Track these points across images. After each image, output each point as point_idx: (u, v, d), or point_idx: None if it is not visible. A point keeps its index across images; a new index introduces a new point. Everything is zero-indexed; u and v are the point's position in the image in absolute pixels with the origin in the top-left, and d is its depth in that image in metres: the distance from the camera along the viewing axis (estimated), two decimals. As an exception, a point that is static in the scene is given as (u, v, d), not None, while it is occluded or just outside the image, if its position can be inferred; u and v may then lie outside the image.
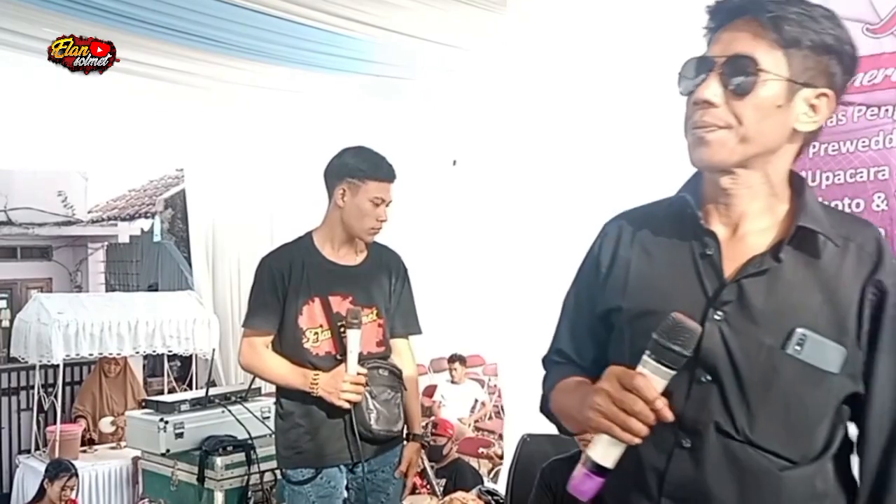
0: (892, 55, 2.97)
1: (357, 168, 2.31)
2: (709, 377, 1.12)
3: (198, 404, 3.25)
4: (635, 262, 1.22)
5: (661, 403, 1.01)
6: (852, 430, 1.18)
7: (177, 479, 3.16)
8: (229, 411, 3.15)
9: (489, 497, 3.03)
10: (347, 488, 2.39)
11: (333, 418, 2.28)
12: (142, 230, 9.03)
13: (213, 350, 5.31)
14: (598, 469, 1.05)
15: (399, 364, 2.45)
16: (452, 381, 6.24)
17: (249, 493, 3.05)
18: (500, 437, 4.85)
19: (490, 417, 6.22)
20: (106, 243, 9.67)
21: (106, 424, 5.40)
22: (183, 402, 3.24)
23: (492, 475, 4.27)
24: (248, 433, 3.07)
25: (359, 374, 2.26)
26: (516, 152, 4.21)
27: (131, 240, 9.27)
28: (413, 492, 3.38)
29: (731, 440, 1.11)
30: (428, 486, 3.13)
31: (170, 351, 5.54)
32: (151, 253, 8.59)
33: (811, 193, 1.16)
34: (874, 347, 1.12)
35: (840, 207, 3.05)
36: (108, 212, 9.94)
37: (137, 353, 5.49)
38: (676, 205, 1.20)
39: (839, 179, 3.06)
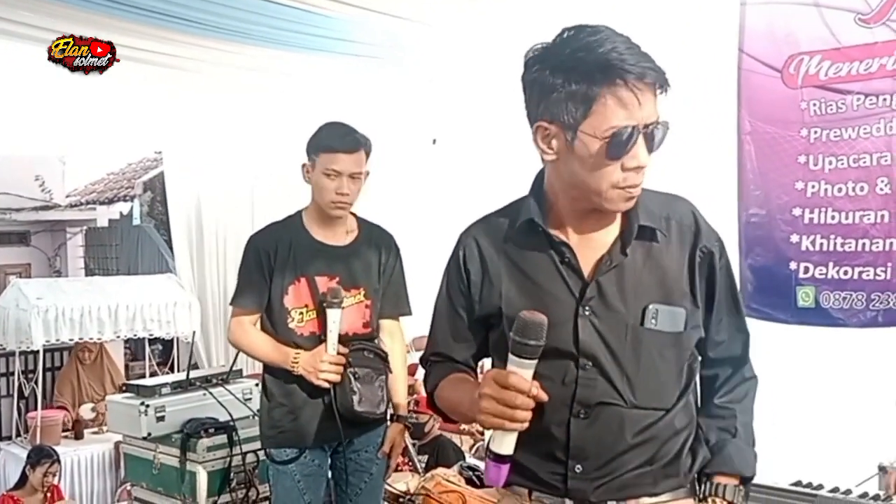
0: (886, 44, 3.03)
1: (313, 142, 2.31)
2: (590, 363, 1.32)
3: (179, 387, 3.24)
4: (505, 272, 1.39)
5: (535, 389, 1.20)
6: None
7: (159, 462, 3.15)
8: (210, 394, 3.14)
9: (470, 473, 3.04)
10: (332, 468, 2.41)
11: (315, 399, 2.29)
12: (121, 214, 8.93)
13: (194, 333, 5.28)
14: (501, 458, 1.23)
15: (388, 345, 2.45)
16: (435, 360, 6.19)
17: (232, 474, 3.04)
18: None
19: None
20: (85, 228, 9.54)
21: (86, 411, 5.37)
22: (164, 385, 3.22)
23: (474, 451, 4.29)
24: (230, 415, 3.06)
25: (339, 353, 2.25)
26: (496, 131, 4.19)
27: (110, 224, 9.16)
28: (396, 470, 3.40)
29: (615, 406, 1.33)
30: (410, 464, 3.14)
31: (151, 335, 5.51)
32: (131, 236, 8.51)
33: (644, 194, 1.34)
34: (712, 296, 1.38)
35: (844, 191, 3.16)
36: (87, 196, 9.81)
37: (118, 337, 5.46)
38: (528, 224, 1.36)
39: (842, 164, 3.16)
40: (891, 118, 3.06)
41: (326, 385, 2.25)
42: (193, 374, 3.38)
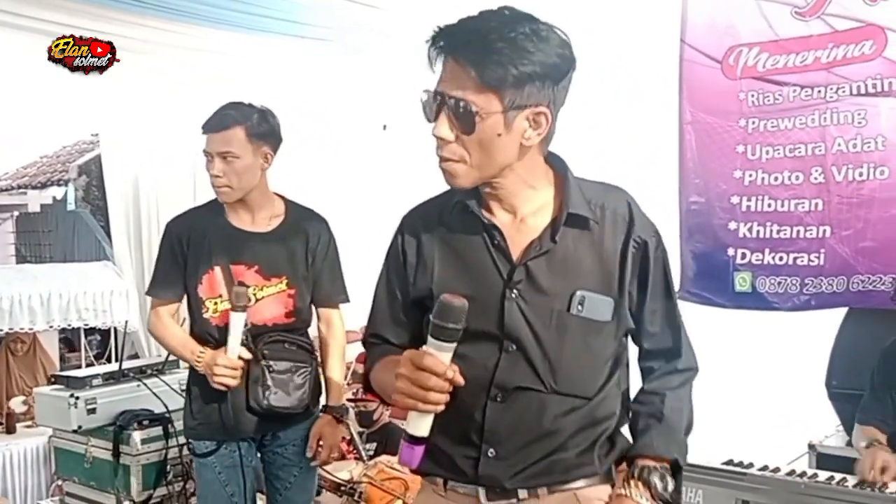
0: (821, 37, 3.08)
1: None
2: (513, 346, 1.33)
3: (111, 378, 3.14)
4: (439, 254, 1.39)
5: (451, 373, 1.18)
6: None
7: (91, 455, 3.05)
8: (144, 384, 3.05)
9: (416, 461, 3.03)
10: (262, 461, 2.36)
11: (231, 392, 2.21)
12: (54, 198, 8.62)
13: (126, 322, 5.14)
14: (415, 440, 1.23)
15: (324, 334, 2.38)
16: (383, 348, 6.17)
17: (168, 467, 2.97)
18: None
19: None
20: (15, 213, 9.19)
21: (17, 404, 5.18)
22: (95, 376, 3.12)
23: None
24: (166, 406, 2.98)
25: (241, 357, 2.16)
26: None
27: (42, 209, 8.85)
28: (341, 458, 3.36)
29: (534, 391, 1.33)
30: (355, 452, 3.10)
31: (86, 324, 5.32)
32: (66, 222, 8.23)
33: (572, 178, 1.37)
34: (644, 287, 1.38)
35: (780, 180, 3.22)
36: (18, 180, 9.43)
37: (51, 327, 5.25)
38: (461, 204, 1.37)
39: (779, 154, 3.21)
40: (825, 110, 3.15)
41: (223, 388, 2.16)
42: (127, 364, 3.28)
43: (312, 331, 2.43)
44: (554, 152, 1.39)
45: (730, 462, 2.31)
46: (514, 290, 1.33)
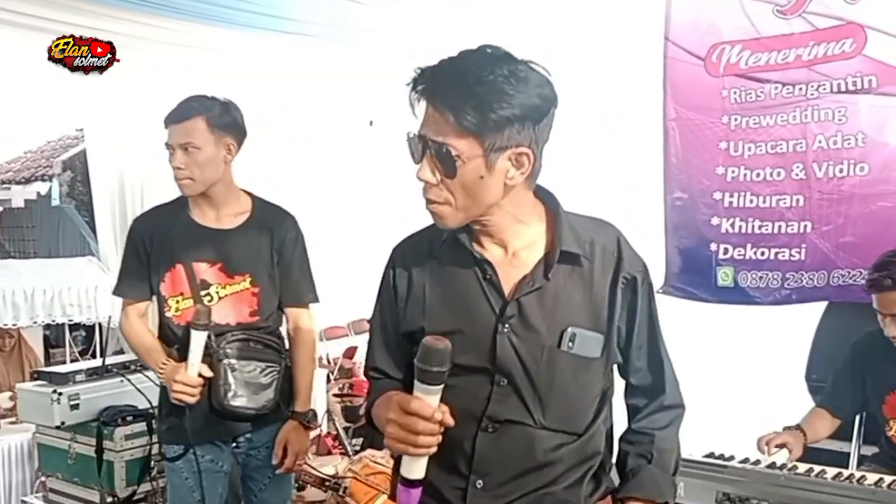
0: (802, 35, 3.12)
1: None
2: (505, 380, 1.33)
3: (94, 374, 3.13)
4: (430, 288, 1.39)
5: (440, 415, 1.18)
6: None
7: (74, 452, 3.04)
8: (128, 380, 3.03)
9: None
10: (240, 464, 2.31)
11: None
12: (38, 194, 8.55)
13: (110, 318, 5.12)
14: (410, 483, 1.22)
15: (293, 335, 2.32)
16: (371, 343, 6.17)
17: (152, 463, 2.97)
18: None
19: (409, 377, 6.24)
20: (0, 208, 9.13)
21: (4, 399, 5.14)
22: (78, 372, 3.11)
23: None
24: (150, 402, 2.95)
25: (201, 374, 2.11)
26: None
27: (26, 204, 8.78)
28: (328, 453, 3.37)
29: (527, 427, 1.33)
30: (341, 447, 3.12)
31: (70, 320, 5.30)
32: (50, 218, 8.17)
33: (563, 214, 1.38)
34: (632, 323, 1.39)
35: (762, 176, 3.26)
36: (2, 175, 9.34)
37: (35, 323, 5.23)
38: (453, 241, 1.37)
39: (761, 150, 3.25)
40: (806, 107, 3.18)
41: (181, 403, 2.11)
42: (110, 360, 3.27)
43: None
44: (544, 187, 1.40)
45: (711, 455, 2.34)
46: (507, 325, 1.33)
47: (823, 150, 3.16)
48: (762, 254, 3.27)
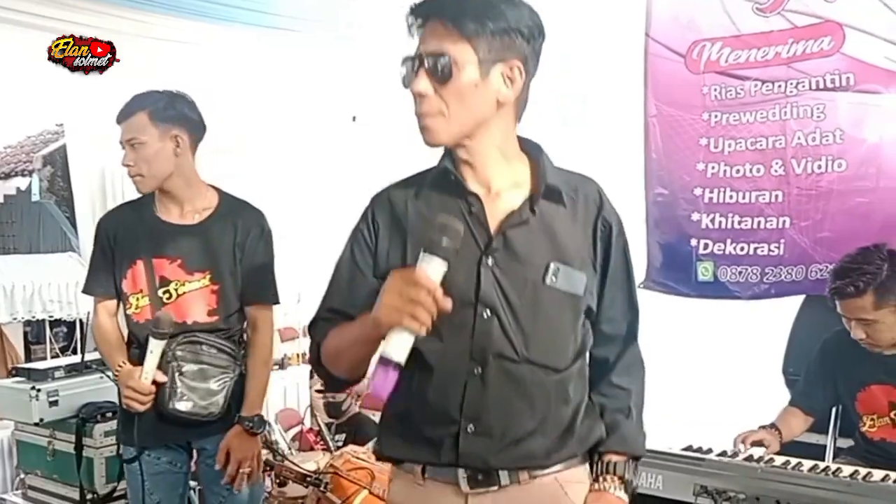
0: (781, 33, 3.13)
1: None
2: (489, 312, 1.35)
3: (73, 370, 3.12)
4: (413, 224, 1.40)
5: (440, 293, 1.20)
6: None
7: (53, 448, 3.03)
8: (107, 377, 3.01)
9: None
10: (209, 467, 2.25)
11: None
12: (18, 189, 8.46)
13: (88, 314, 5.08)
14: (390, 363, 1.18)
15: (250, 336, 2.23)
16: (354, 340, 6.16)
17: (132, 460, 2.95)
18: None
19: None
20: (-22, 204, 9.02)
21: (-17, 396, 5.09)
22: (57, 368, 3.10)
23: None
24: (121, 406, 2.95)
25: (155, 381, 2.07)
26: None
27: (6, 199, 8.69)
28: (310, 449, 3.37)
29: (512, 362, 1.35)
30: (323, 443, 3.12)
31: (51, 316, 5.28)
32: (31, 213, 8.09)
33: (547, 158, 1.43)
34: (606, 270, 1.43)
35: (742, 172, 3.28)
36: (-18, 170, 9.24)
37: (15, 319, 5.19)
38: (441, 173, 1.40)
39: (740, 147, 3.27)
40: (785, 104, 3.21)
41: (133, 410, 2.09)
42: (89, 356, 3.25)
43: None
44: (528, 138, 1.45)
45: (689, 448, 2.36)
46: (491, 258, 1.35)
47: (802, 146, 3.19)
48: (742, 249, 3.30)
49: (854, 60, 3.05)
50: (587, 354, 1.47)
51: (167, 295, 2.13)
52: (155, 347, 2.05)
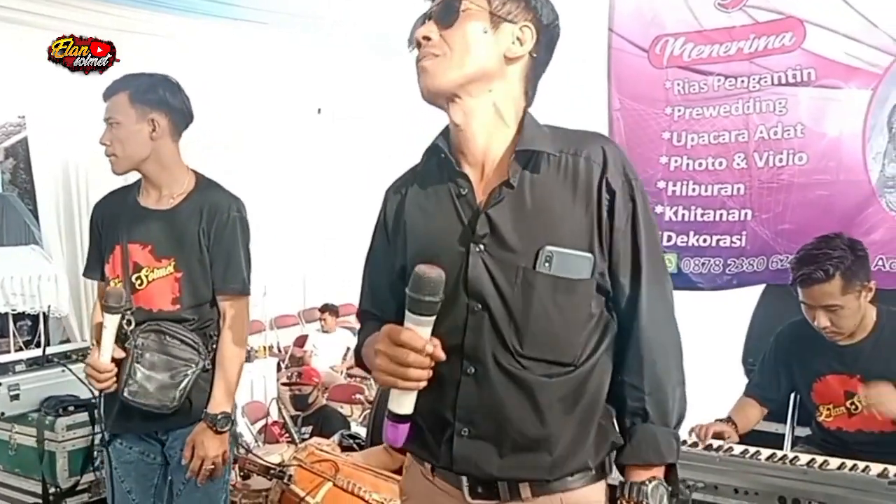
0: (743, 28, 3.17)
1: None
2: (479, 306, 1.23)
3: (35, 364, 3.08)
4: (412, 218, 1.33)
5: (431, 347, 1.13)
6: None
7: (15, 442, 2.99)
8: (69, 370, 2.97)
9: (351, 441, 3.06)
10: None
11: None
12: (-22, 181, 8.28)
13: (49, 307, 5.02)
14: (398, 418, 1.17)
15: (221, 329, 2.15)
16: (324, 331, 6.24)
17: (95, 453, 2.93)
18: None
19: (363, 364, 6.28)
20: (-61, 196, 8.80)
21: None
22: (18, 362, 3.06)
23: (361, 419, 4.32)
24: (92, 392, 2.91)
25: (114, 359, 2.05)
26: (381, 101, 4.17)
27: (-33, 192, 8.49)
28: (274, 442, 3.37)
29: (505, 358, 1.22)
30: (287, 435, 3.12)
31: (13, 309, 5.19)
32: (-7, 206, 7.90)
33: (531, 119, 1.29)
34: (611, 242, 1.24)
35: (704, 165, 3.30)
36: (-58, 161, 9.02)
37: (-24, 312, 5.10)
38: (433, 155, 1.31)
39: (704, 140, 3.30)
40: (748, 99, 3.26)
41: (94, 389, 2.08)
42: (51, 349, 3.22)
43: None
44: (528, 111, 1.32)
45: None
46: (480, 245, 1.23)
47: (764, 140, 3.23)
48: (704, 241, 3.34)
49: (815, 56, 3.10)
50: (610, 348, 1.27)
51: (139, 281, 2.11)
52: (109, 323, 2.02)
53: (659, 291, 1.26)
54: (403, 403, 1.17)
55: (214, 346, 2.15)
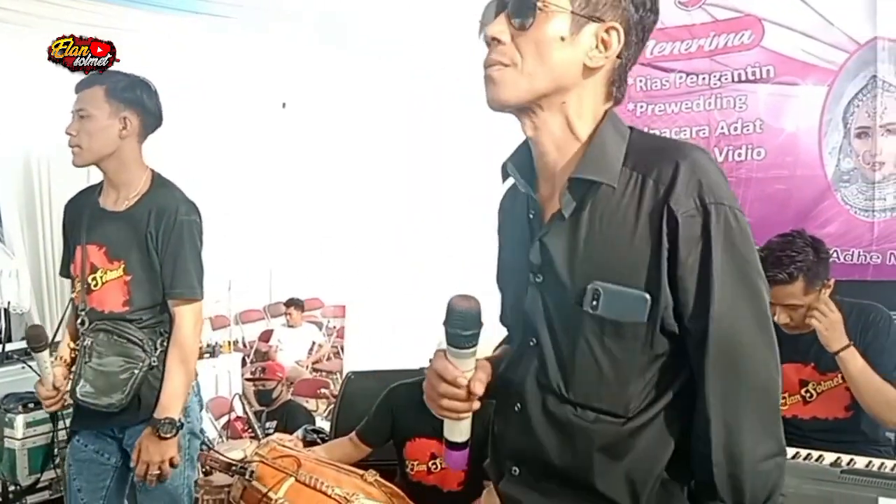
0: (703, 26, 3.25)
1: None
2: (534, 341, 1.13)
3: (-7, 361, 3.02)
4: (501, 237, 1.26)
5: (464, 380, 1.09)
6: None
7: (-28, 441, 2.94)
8: (30, 367, 2.92)
9: (315, 435, 3.05)
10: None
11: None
12: (-64, 175, 8.08)
13: (9, 303, 4.94)
14: (451, 444, 1.16)
15: (172, 332, 2.12)
16: (289, 325, 6.21)
17: (56, 450, 2.89)
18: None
19: (329, 358, 6.31)
20: None
21: None
22: (-25, 359, 3.00)
23: (328, 414, 4.32)
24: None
25: (55, 387, 2.11)
26: (345, 95, 4.17)
27: (-76, 185, 8.28)
28: (236, 437, 3.35)
29: (551, 401, 1.11)
30: (250, 431, 3.11)
31: (-27, 306, 5.08)
32: (-48, 200, 7.72)
33: (605, 131, 1.09)
34: (675, 281, 1.03)
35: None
36: None
37: (-66, 309, 4.99)
38: (508, 167, 1.17)
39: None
40: (709, 95, 3.32)
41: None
42: (11, 346, 3.17)
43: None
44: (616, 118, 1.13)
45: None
46: (539, 275, 1.11)
47: (725, 135, 3.30)
48: (666, 235, 3.40)
49: (773, 53, 3.18)
50: (677, 399, 1.08)
51: (94, 282, 2.10)
52: (38, 359, 2.10)
53: (741, 342, 1.04)
54: (453, 431, 1.16)
55: (165, 343, 2.13)
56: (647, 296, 1.02)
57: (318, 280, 6.05)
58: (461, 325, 1.06)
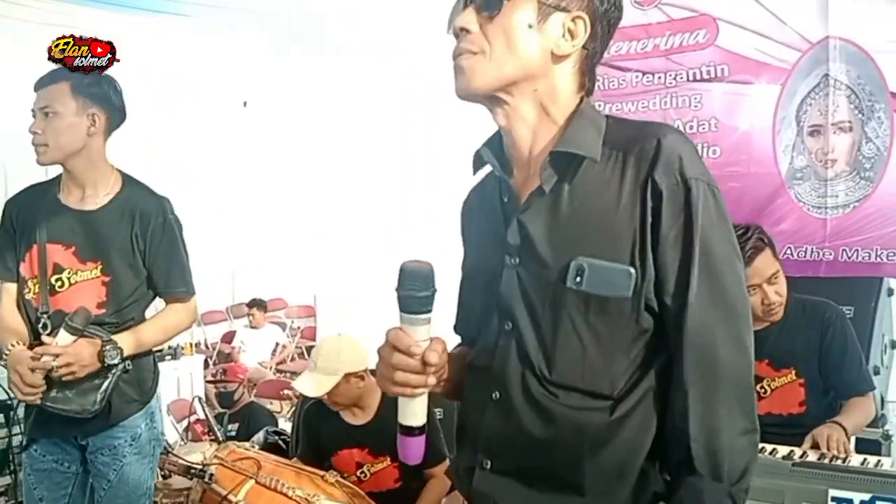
0: (659, 25, 3.27)
1: None
2: (510, 325, 1.10)
3: (-56, 366, 2.93)
4: (470, 227, 1.26)
5: (418, 349, 1.03)
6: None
7: (-76, 448, 2.86)
8: (-17, 370, 2.87)
9: (276, 437, 3.04)
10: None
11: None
12: None
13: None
14: (404, 430, 1.07)
15: (173, 313, 2.19)
16: (252, 326, 6.16)
17: (12, 455, 2.83)
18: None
19: (293, 359, 6.27)
20: None
21: None
22: (-74, 364, 2.91)
23: (291, 415, 4.30)
24: (7, 393, 2.81)
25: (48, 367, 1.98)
26: (306, 94, 4.15)
27: None
28: (196, 440, 3.32)
29: (533, 385, 1.08)
30: (210, 434, 3.07)
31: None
32: None
33: (582, 113, 1.11)
34: (657, 253, 1.04)
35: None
36: None
37: None
38: (482, 153, 1.17)
39: (623, 136, 3.42)
40: (665, 94, 3.36)
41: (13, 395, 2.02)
42: (-39, 351, 3.08)
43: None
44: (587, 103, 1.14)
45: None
46: (515, 258, 1.10)
47: (681, 134, 3.34)
48: (623, 234, 3.44)
49: (727, 52, 3.22)
50: (660, 377, 1.07)
51: (59, 283, 2.05)
52: (63, 339, 1.98)
53: (719, 317, 1.03)
54: (407, 413, 1.06)
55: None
56: (632, 270, 1.03)
57: (281, 280, 6.02)
58: (414, 285, 1.01)
